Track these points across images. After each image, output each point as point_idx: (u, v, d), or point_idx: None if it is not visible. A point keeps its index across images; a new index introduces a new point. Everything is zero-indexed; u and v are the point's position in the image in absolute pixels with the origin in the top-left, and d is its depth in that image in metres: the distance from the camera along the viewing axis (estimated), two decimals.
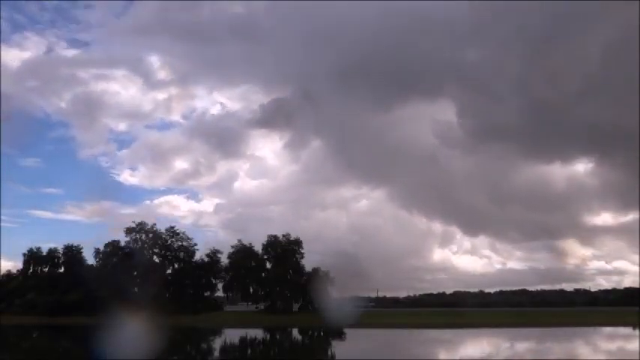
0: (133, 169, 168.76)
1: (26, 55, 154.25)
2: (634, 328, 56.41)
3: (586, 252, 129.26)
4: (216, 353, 39.13)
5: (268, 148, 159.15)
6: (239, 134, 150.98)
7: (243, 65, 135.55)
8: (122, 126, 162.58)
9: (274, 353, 40.40)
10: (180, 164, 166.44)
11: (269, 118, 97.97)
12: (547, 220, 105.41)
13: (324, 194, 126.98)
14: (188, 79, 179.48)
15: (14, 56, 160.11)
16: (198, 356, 37.70)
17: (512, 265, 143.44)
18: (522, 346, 40.85)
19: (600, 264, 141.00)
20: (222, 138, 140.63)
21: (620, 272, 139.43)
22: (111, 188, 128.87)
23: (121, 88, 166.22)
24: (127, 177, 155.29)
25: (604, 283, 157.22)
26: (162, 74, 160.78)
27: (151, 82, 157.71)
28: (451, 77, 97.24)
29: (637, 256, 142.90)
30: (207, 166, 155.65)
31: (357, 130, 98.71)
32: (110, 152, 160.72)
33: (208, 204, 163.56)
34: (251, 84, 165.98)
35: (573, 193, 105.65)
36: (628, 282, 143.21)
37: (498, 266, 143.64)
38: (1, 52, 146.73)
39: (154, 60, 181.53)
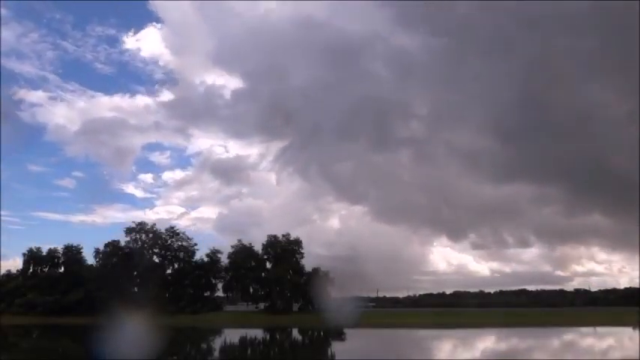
0: (146, 190, 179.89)
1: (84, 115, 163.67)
2: (634, 328, 56.40)
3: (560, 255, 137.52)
4: (216, 353, 39.11)
5: (269, 179, 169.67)
6: (244, 170, 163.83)
7: (257, 129, 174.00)
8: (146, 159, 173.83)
9: (274, 353, 40.39)
10: (191, 191, 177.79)
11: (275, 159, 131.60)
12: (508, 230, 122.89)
13: (315, 210, 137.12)
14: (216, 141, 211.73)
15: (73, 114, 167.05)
16: (198, 356, 37.68)
17: (492, 267, 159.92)
18: (521, 346, 40.85)
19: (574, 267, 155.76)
20: (230, 173, 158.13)
21: (594, 274, 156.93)
22: (119, 198, 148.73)
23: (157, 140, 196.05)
24: (136, 191, 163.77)
25: (582, 284, 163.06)
26: (196, 139, 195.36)
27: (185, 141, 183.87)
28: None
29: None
30: (214, 191, 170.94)
31: (343, 164, 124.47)
32: (132, 178, 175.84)
33: (209, 212, 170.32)
34: (261, 138, 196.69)
35: (528, 209, 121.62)
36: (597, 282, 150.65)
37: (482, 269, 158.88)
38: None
39: (194, 131, 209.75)
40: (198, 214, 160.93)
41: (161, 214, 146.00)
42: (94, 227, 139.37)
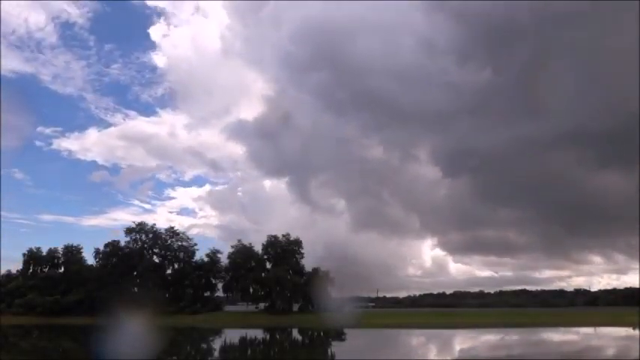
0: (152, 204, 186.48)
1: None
2: (634, 328, 56.36)
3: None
4: (216, 353, 39.13)
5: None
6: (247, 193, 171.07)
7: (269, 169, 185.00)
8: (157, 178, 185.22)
9: (274, 353, 40.41)
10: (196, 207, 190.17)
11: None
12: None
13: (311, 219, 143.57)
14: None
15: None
16: (198, 356, 37.71)
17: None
18: (521, 346, 40.88)
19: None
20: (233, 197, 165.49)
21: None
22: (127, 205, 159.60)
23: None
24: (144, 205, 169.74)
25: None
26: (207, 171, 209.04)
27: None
28: None
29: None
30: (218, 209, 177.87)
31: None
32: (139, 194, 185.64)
33: (210, 219, 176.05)
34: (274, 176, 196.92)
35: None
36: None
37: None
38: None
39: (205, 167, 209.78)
40: (200, 221, 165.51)
41: (160, 222, 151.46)
42: (103, 229, 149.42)
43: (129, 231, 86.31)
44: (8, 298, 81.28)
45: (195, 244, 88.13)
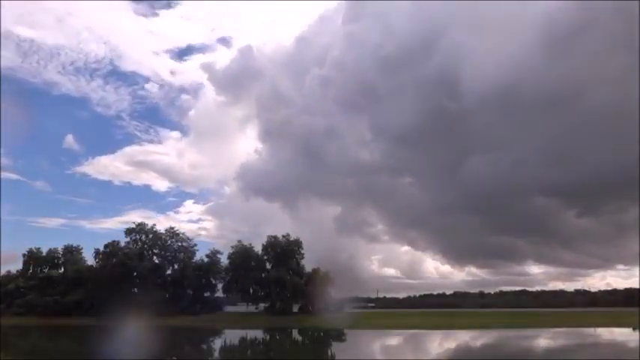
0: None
1: None
2: (634, 328, 56.39)
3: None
4: (216, 354, 39.16)
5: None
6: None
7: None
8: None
9: (274, 354, 40.43)
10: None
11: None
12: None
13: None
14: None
15: None
16: (198, 357, 37.71)
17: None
18: (522, 346, 40.89)
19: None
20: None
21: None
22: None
23: None
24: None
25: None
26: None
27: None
28: None
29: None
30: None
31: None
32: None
33: (210, 224, 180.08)
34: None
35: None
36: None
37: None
38: None
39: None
40: (201, 225, 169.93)
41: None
42: (112, 232, 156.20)
43: (129, 232, 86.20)
44: (8, 299, 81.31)
45: (195, 245, 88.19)
